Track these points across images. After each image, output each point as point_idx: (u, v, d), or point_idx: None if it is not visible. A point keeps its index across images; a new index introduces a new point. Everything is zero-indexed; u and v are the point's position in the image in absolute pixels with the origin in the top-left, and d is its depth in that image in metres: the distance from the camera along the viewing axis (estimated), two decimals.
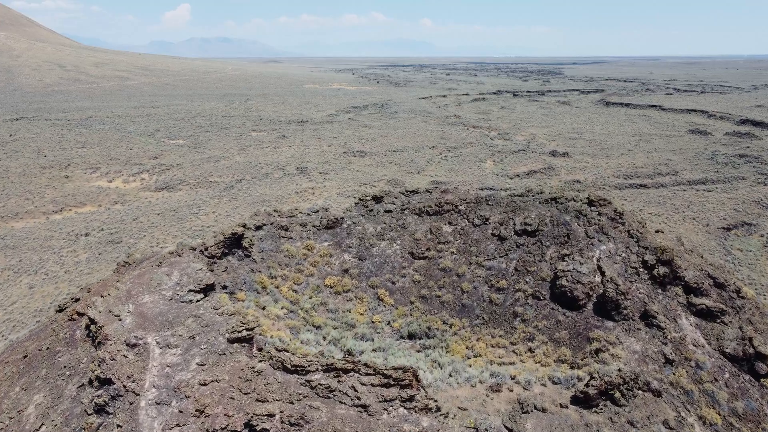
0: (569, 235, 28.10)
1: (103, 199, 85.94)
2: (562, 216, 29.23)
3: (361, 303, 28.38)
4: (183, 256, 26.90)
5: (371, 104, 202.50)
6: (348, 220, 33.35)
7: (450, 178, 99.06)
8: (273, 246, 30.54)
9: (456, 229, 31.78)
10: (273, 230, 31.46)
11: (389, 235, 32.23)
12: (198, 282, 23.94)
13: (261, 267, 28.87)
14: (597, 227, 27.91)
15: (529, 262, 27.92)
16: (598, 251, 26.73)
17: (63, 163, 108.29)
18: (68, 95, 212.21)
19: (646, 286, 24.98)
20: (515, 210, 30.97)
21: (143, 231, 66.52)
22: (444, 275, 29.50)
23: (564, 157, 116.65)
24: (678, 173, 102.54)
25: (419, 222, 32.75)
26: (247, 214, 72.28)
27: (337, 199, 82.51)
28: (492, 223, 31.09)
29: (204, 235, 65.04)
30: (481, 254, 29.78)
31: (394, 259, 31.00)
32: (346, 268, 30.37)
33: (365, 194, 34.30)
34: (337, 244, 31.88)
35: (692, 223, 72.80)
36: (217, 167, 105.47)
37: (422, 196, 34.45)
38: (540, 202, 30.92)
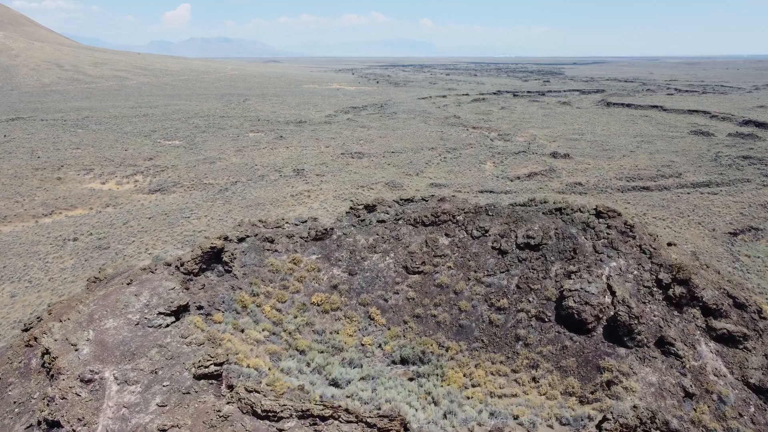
0: (576, 249, 25.76)
1: (95, 202, 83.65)
2: (568, 228, 26.89)
3: (351, 323, 26.07)
4: (156, 272, 24.59)
5: (370, 104, 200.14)
6: (338, 230, 31.02)
7: (449, 180, 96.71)
8: (256, 260, 28.23)
9: (453, 241, 29.45)
10: (257, 242, 29.14)
11: (382, 247, 29.91)
12: (169, 303, 21.64)
13: (242, 283, 26.55)
14: (606, 241, 25.58)
15: (533, 279, 25.60)
16: (607, 268, 24.41)
17: (56, 164, 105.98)
18: (66, 95, 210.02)
19: (661, 308, 22.67)
20: (517, 221, 28.64)
21: (132, 236, 64.22)
22: (440, 292, 27.19)
23: (565, 158, 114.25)
24: (681, 175, 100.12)
25: (414, 233, 30.43)
26: (238, 219, 69.82)
27: (334, 202, 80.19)
28: (492, 236, 28.76)
29: (194, 240, 62.84)
30: (481, 269, 27.46)
31: (387, 273, 28.69)
32: (335, 284, 28.05)
33: (357, 202, 31.98)
34: (326, 257, 29.56)
35: (698, 228, 70.43)
36: (212, 169, 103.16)
37: (418, 205, 32.11)
38: (543, 212, 28.57)
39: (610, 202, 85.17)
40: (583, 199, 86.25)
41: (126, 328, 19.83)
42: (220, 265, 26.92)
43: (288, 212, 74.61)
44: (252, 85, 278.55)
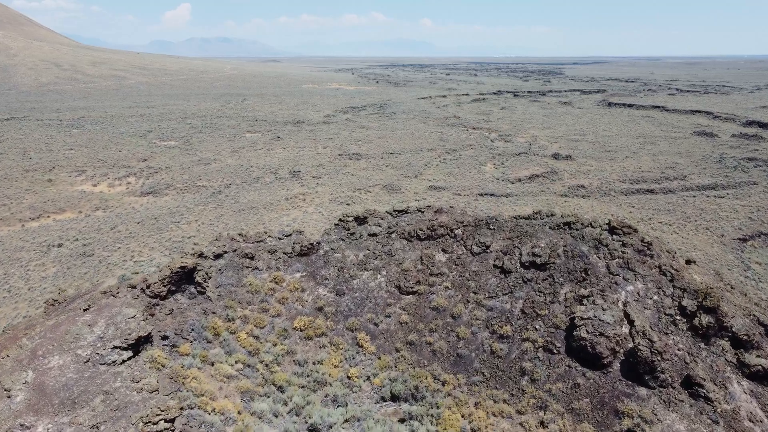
0: (587, 270, 22.92)
1: (85, 205, 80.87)
2: (578, 246, 24.04)
3: (336, 351, 23.25)
4: (118, 296, 21.79)
5: (370, 104, 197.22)
6: (325, 245, 28.18)
7: (448, 182, 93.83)
8: (234, 279, 25.40)
9: (451, 258, 26.60)
10: (236, 259, 26.31)
11: (373, 264, 27.07)
12: (127, 335, 18.85)
13: (216, 307, 23.72)
14: (621, 261, 22.73)
15: (539, 303, 22.78)
16: (623, 293, 21.58)
17: (48, 165, 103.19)
18: (63, 95, 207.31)
19: (685, 340, 19.87)
20: (521, 236, 25.77)
21: (119, 242, 61.42)
22: (436, 316, 24.37)
23: (567, 160, 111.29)
24: (686, 178, 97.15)
25: (408, 248, 27.59)
26: (230, 224, 66.95)
27: (329, 206, 77.33)
28: (494, 252, 25.91)
29: (182, 246, 60.12)
30: (481, 290, 24.61)
31: (378, 294, 25.86)
32: (321, 306, 25.22)
33: (346, 214, 29.15)
34: (312, 276, 26.73)
35: (705, 234, 67.52)
36: (206, 170, 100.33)
37: (412, 217, 29.26)
38: (551, 227, 25.70)
39: (614, 205, 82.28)
40: (586, 202, 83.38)
41: (72, 367, 17.05)
42: (192, 286, 24.09)
43: (282, 216, 71.84)
44: (251, 84, 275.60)
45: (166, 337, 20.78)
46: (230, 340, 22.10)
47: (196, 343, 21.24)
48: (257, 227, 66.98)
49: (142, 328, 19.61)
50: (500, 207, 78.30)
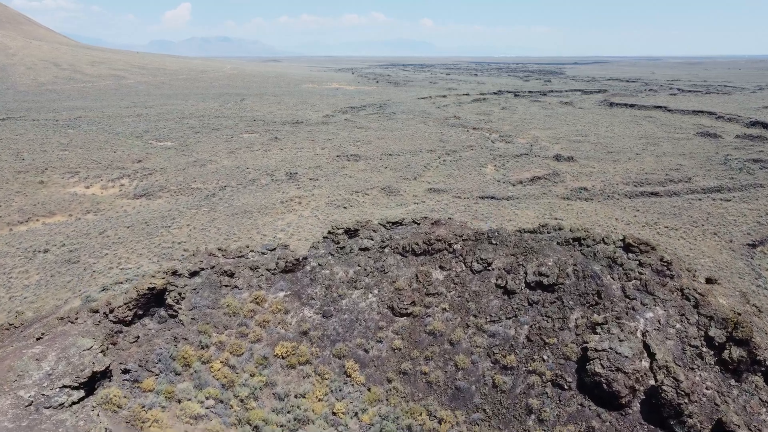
0: (600, 293, 20.47)
1: (76, 208, 78.45)
2: (590, 265, 21.59)
3: (321, 382, 20.84)
4: (77, 322, 19.39)
5: (369, 104, 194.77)
6: (312, 260, 25.73)
7: (448, 184, 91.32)
8: (210, 300, 22.97)
9: (449, 275, 24.15)
10: (213, 277, 23.88)
11: (364, 281, 24.62)
12: (79, 372, 16.46)
13: (189, 332, 21.31)
14: (639, 284, 20.29)
15: (547, 329, 20.34)
16: (642, 320, 19.15)
17: (40, 167, 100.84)
18: (61, 94, 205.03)
19: (714, 377, 17.47)
20: (526, 253, 23.31)
21: (107, 248, 58.97)
22: (433, 342, 21.94)
23: (569, 161, 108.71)
24: (691, 180, 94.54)
25: (403, 265, 25.14)
26: (222, 228, 64.41)
27: (326, 210, 74.86)
28: (496, 270, 23.45)
29: (172, 253, 57.68)
30: (482, 313, 22.17)
31: (369, 315, 23.43)
32: (306, 330, 22.80)
33: (336, 226, 26.71)
34: (296, 295, 24.29)
35: (713, 239, 64.95)
36: (202, 172, 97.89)
37: (407, 229, 26.80)
38: (558, 242, 23.23)
39: (617, 209, 79.70)
40: (589, 206, 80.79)
41: (11, 413, 14.66)
42: (162, 308, 21.68)
43: (276, 220, 69.40)
44: (250, 84, 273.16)
45: (127, 370, 18.38)
46: (202, 372, 19.68)
47: (163, 377, 18.83)
48: (250, 232, 64.65)
49: (98, 361, 17.20)
50: (501, 210, 75.83)
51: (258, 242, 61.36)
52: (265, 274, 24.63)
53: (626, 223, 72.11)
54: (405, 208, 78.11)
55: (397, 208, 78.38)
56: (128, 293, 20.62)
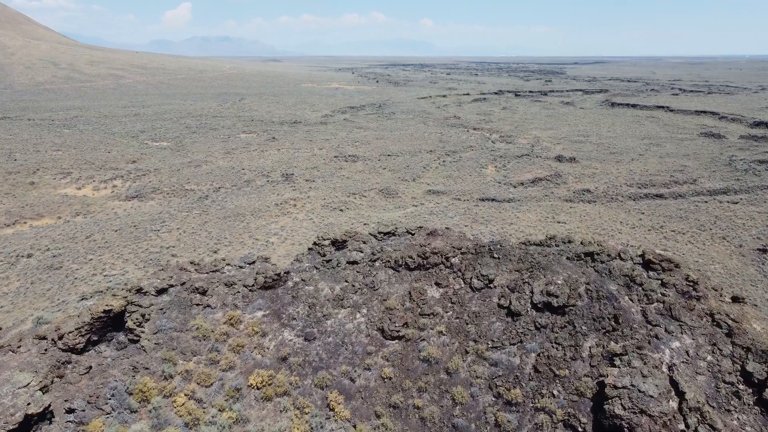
0: (618, 317, 17.86)
1: (65, 210, 75.97)
2: (605, 284, 18.97)
3: (301, 417, 18.24)
4: (20, 350, 16.80)
5: (369, 104, 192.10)
6: (295, 275, 23.11)
7: (448, 186, 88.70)
8: (179, 321, 20.37)
9: (446, 293, 21.52)
10: (183, 294, 21.27)
11: (352, 299, 22.00)
12: (8, 417, 13.88)
13: (152, 360, 18.71)
14: (662, 307, 17.67)
15: (557, 359, 17.74)
16: (668, 351, 16.54)
17: (32, 167, 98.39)
18: (59, 94, 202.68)
19: (754, 420, 14.85)
20: (532, 269, 20.67)
21: (92, 252, 56.40)
22: (427, 370, 19.33)
23: (571, 162, 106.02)
24: (696, 181, 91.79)
25: (395, 280, 22.51)
26: (213, 232, 61.60)
27: (321, 213, 72.26)
28: (498, 288, 20.81)
29: (159, 259, 55.04)
30: (483, 338, 19.54)
31: (357, 339, 20.81)
32: (285, 355, 20.19)
33: (322, 237, 24.08)
34: (276, 315, 21.68)
35: (722, 244, 62.23)
36: (196, 173, 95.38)
37: (401, 241, 24.16)
38: (569, 257, 20.59)
39: (622, 212, 76.99)
40: (592, 208, 78.09)
41: None
42: (122, 333, 19.07)
43: (269, 224, 66.77)
44: (249, 84, 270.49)
45: (72, 410, 15.78)
46: (162, 408, 17.07)
47: (114, 416, 16.23)
48: (242, 236, 62.04)
49: (35, 401, 14.61)
50: (502, 213, 73.18)
51: (249, 246, 58.88)
52: (242, 291, 22.01)
53: (631, 226, 69.47)
54: (403, 211, 75.54)
55: (395, 211, 75.81)
56: (81, 316, 18.03)
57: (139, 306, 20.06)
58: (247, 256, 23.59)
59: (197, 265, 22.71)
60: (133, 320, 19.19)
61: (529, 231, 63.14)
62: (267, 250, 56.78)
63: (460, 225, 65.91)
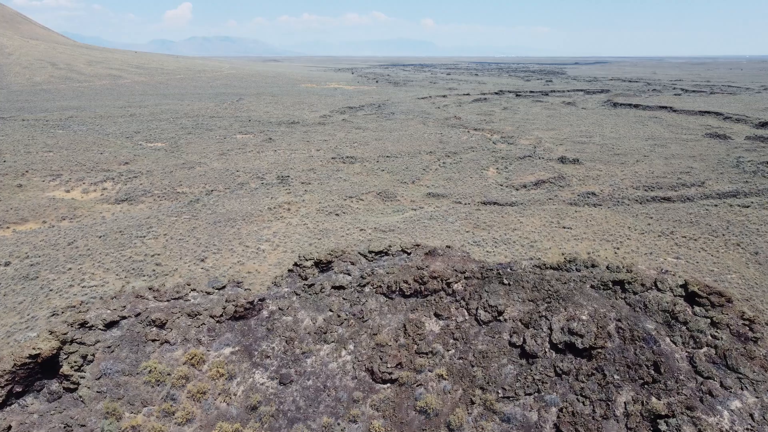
0: (659, 365, 14.46)
1: (51, 214, 72.53)
2: (640, 321, 15.56)
3: None
4: None
5: (368, 104, 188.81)
6: (272, 302, 19.69)
7: (448, 189, 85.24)
8: (129, 362, 16.95)
9: (448, 327, 18.09)
10: (138, 328, 17.86)
11: (336, 333, 18.59)
12: None
13: (91, 413, 15.32)
14: (714, 353, 14.26)
15: (584, 417, 14.32)
16: (726, 413, 13.16)
17: (21, 169, 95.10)
18: (56, 94, 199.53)
19: None
20: (550, 299, 17.24)
21: (72, 260, 52.95)
22: (425, 424, 15.93)
23: (574, 164, 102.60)
24: (704, 184, 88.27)
25: (387, 310, 19.09)
26: (201, 239, 57.79)
27: (316, 217, 68.81)
28: (510, 321, 17.39)
29: (142, 268, 51.66)
30: (492, 384, 16.13)
31: (342, 382, 17.40)
32: (255, 403, 16.80)
33: (305, 256, 20.65)
34: (247, 351, 18.26)
35: (737, 251, 58.66)
36: (189, 175, 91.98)
37: (394, 262, 20.72)
38: (593, 285, 17.15)
39: (629, 216, 73.48)
40: (598, 212, 74.54)
41: None
42: (55, 380, 15.68)
43: (262, 229, 63.34)
44: (248, 84, 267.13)
45: None
46: None
47: None
48: (232, 242, 58.52)
49: None
50: (505, 217, 69.68)
51: (239, 254, 55.39)
52: (208, 322, 18.59)
53: (640, 232, 65.99)
54: (402, 215, 72.13)
55: (394, 215, 72.39)
56: (2, 362, 14.66)
57: (81, 344, 16.66)
58: (215, 280, 20.20)
59: (156, 291, 19.29)
60: (71, 363, 15.78)
61: (533, 237, 59.69)
62: (257, 258, 53.35)
63: (461, 231, 62.44)
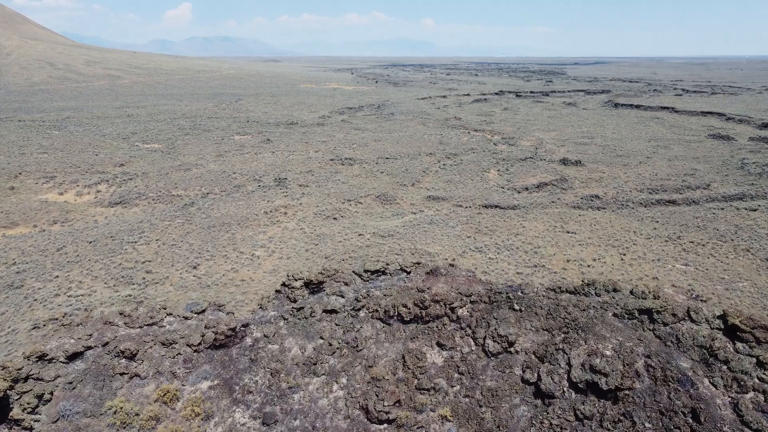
0: (697, 413, 12.45)
1: (42, 218, 70.60)
2: (673, 358, 13.54)
3: None
4: None
5: (367, 105, 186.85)
6: (256, 329, 17.65)
7: (448, 191, 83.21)
8: (93, 400, 14.91)
9: (452, 359, 16.06)
10: (105, 360, 15.82)
11: (327, 364, 16.57)
12: None
13: None
14: (764, 399, 12.30)
15: None
16: None
17: (14, 171, 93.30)
18: (53, 94, 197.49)
19: None
20: (567, 329, 15.21)
21: (60, 267, 50.89)
22: None
23: (576, 165, 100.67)
24: (710, 186, 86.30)
25: (385, 337, 17.06)
26: (195, 244, 55.43)
27: (313, 221, 66.78)
28: (522, 354, 15.36)
29: (132, 276, 49.63)
30: (503, 428, 14.09)
31: (333, 422, 15.37)
32: None
33: (293, 275, 18.64)
34: (227, 386, 16.22)
35: (747, 257, 56.55)
36: (185, 177, 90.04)
37: (392, 282, 18.68)
38: (616, 314, 15.13)
39: (634, 220, 71.38)
40: (602, 216, 72.48)
41: None
42: (3, 426, 13.67)
43: (257, 234, 61.30)
44: (247, 84, 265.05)
45: None
46: None
47: None
48: (226, 249, 56.39)
49: None
50: (507, 222, 67.61)
51: (233, 260, 53.20)
52: (185, 352, 16.55)
53: (646, 237, 63.93)
54: (401, 219, 70.08)
55: (393, 219, 70.34)
56: None
57: (39, 380, 14.63)
58: (194, 303, 18.19)
59: (128, 317, 17.25)
60: (23, 405, 13.75)
61: (537, 243, 57.63)
62: (252, 264, 51.30)
63: (462, 236, 60.38)
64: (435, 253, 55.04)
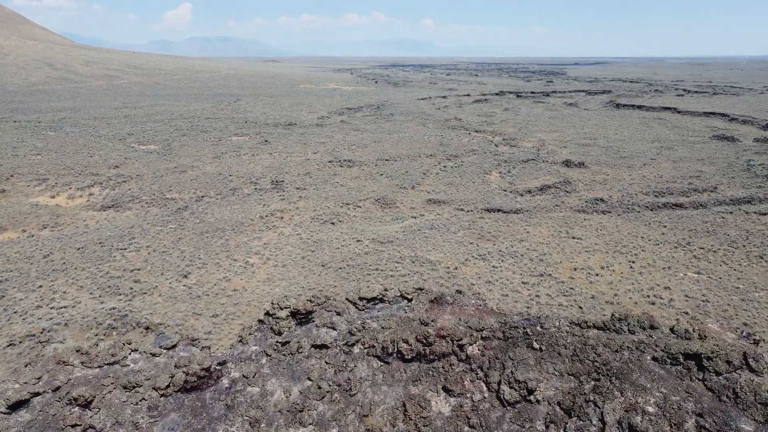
0: None
1: (32, 223, 68.10)
2: (731, 417, 11.16)
3: None
4: None
5: (367, 105, 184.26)
6: (234, 367, 15.20)
7: (449, 194, 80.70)
8: None
9: (462, 408, 13.62)
10: (55, 408, 13.39)
11: (316, 411, 14.14)
12: None
13: None
14: None
15: None
16: None
17: (6, 173, 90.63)
18: (51, 95, 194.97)
19: None
20: (599, 375, 12.79)
21: (45, 276, 48.42)
22: None
23: (580, 167, 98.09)
24: (717, 189, 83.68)
25: (382, 379, 14.62)
26: (187, 251, 52.50)
27: (310, 226, 64.29)
28: (544, 404, 12.93)
29: (119, 285, 47.19)
30: None
31: None
32: None
33: (278, 304, 16.20)
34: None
35: (761, 264, 54.04)
36: (180, 179, 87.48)
37: (392, 312, 16.22)
38: (656, 358, 12.72)
39: (641, 224, 68.81)
40: (608, 220, 69.98)
41: None
42: None
43: (252, 240, 58.83)
44: (246, 84, 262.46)
45: None
46: None
47: None
48: (219, 256, 53.87)
49: None
50: (510, 227, 65.15)
51: (226, 269, 50.66)
52: (150, 397, 14.11)
53: (655, 242, 61.40)
54: (401, 224, 67.62)
55: (392, 224, 67.85)
56: None
57: None
58: (164, 337, 15.73)
59: (86, 354, 14.79)
60: None
61: (542, 249, 55.19)
62: (245, 272, 48.89)
63: (464, 242, 57.91)
64: (436, 261, 52.59)
